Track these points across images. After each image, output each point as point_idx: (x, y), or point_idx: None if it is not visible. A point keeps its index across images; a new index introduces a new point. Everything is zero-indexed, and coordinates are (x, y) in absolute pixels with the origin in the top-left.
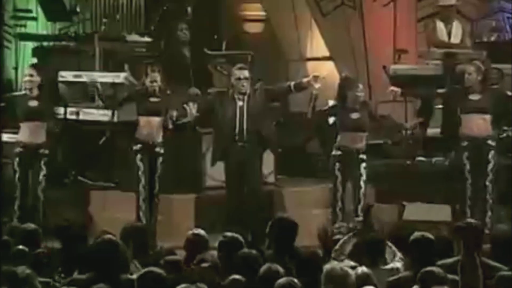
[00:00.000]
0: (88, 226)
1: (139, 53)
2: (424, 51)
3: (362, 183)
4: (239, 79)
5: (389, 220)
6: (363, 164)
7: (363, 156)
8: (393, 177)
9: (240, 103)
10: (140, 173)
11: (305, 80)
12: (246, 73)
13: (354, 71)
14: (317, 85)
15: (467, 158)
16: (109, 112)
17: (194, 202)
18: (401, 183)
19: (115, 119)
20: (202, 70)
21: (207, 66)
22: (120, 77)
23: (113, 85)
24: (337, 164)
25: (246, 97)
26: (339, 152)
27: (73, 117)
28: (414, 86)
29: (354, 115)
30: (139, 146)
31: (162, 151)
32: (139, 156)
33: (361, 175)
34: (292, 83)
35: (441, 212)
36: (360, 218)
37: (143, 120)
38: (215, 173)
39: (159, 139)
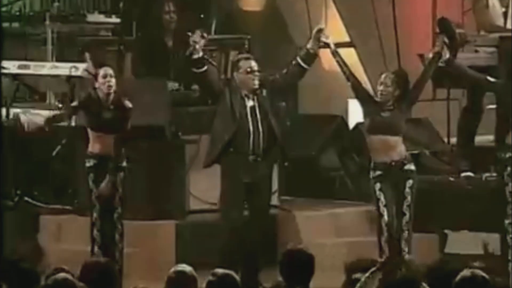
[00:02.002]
0: (39, 261)
1: (103, 38)
2: (473, 35)
3: (405, 207)
4: (249, 72)
5: (427, 254)
6: (410, 182)
7: (410, 167)
8: (432, 198)
9: (250, 103)
10: (93, 198)
11: (309, 44)
12: (254, 64)
13: (380, 60)
14: (328, 39)
15: (509, 175)
16: None
17: (175, 230)
18: (443, 206)
19: (73, 123)
20: (184, 60)
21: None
22: (78, 69)
23: (70, 79)
24: (378, 185)
25: (256, 97)
26: (378, 172)
27: None
28: (459, 80)
29: (386, 113)
30: (92, 162)
31: (124, 164)
32: (92, 176)
33: (404, 197)
34: (298, 58)
35: (495, 243)
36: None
37: (93, 133)
38: (202, 193)
39: (121, 150)
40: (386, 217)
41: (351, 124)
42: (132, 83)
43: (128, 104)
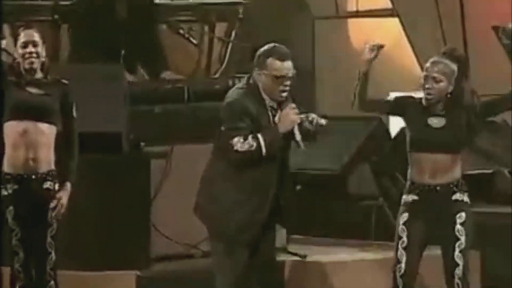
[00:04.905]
0: None
1: (30, 3)
2: None
3: (458, 254)
4: (278, 77)
5: None
6: (462, 215)
7: (462, 197)
8: (509, 238)
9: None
10: (14, 240)
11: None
12: (288, 67)
13: (435, 33)
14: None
15: None
16: None
17: (135, 283)
18: None
19: None
20: (144, 37)
21: (156, 28)
22: None
23: None
24: (405, 216)
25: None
26: (412, 197)
27: None
28: None
29: (438, 122)
30: (10, 188)
31: (57, 188)
32: (11, 209)
33: (457, 238)
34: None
35: None
36: None
37: (14, 130)
38: (175, 230)
39: (50, 165)
40: (403, 265)
41: (394, 129)
42: (71, 70)
43: (63, 80)
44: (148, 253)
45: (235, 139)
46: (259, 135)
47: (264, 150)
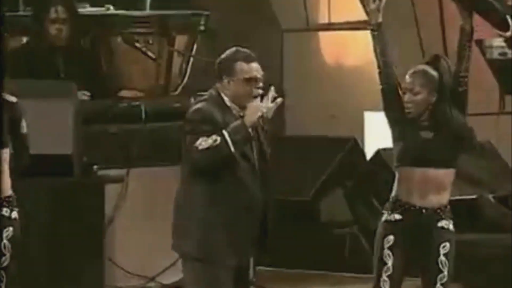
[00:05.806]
0: None
1: None
2: None
3: (439, 286)
4: (248, 80)
5: None
6: (445, 246)
7: (448, 225)
8: (499, 271)
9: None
10: None
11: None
12: (257, 68)
13: (414, 49)
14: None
15: None
16: None
17: None
18: None
19: None
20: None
21: (107, 41)
22: None
23: None
24: (390, 239)
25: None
26: (396, 216)
27: None
28: None
29: (425, 134)
30: None
31: (14, 215)
32: None
33: (440, 271)
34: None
35: None
36: None
37: None
38: (131, 261)
39: (7, 191)
40: None
41: (369, 150)
42: (16, 86)
43: (11, 98)
44: (101, 286)
45: (199, 140)
46: (223, 130)
47: (230, 142)
